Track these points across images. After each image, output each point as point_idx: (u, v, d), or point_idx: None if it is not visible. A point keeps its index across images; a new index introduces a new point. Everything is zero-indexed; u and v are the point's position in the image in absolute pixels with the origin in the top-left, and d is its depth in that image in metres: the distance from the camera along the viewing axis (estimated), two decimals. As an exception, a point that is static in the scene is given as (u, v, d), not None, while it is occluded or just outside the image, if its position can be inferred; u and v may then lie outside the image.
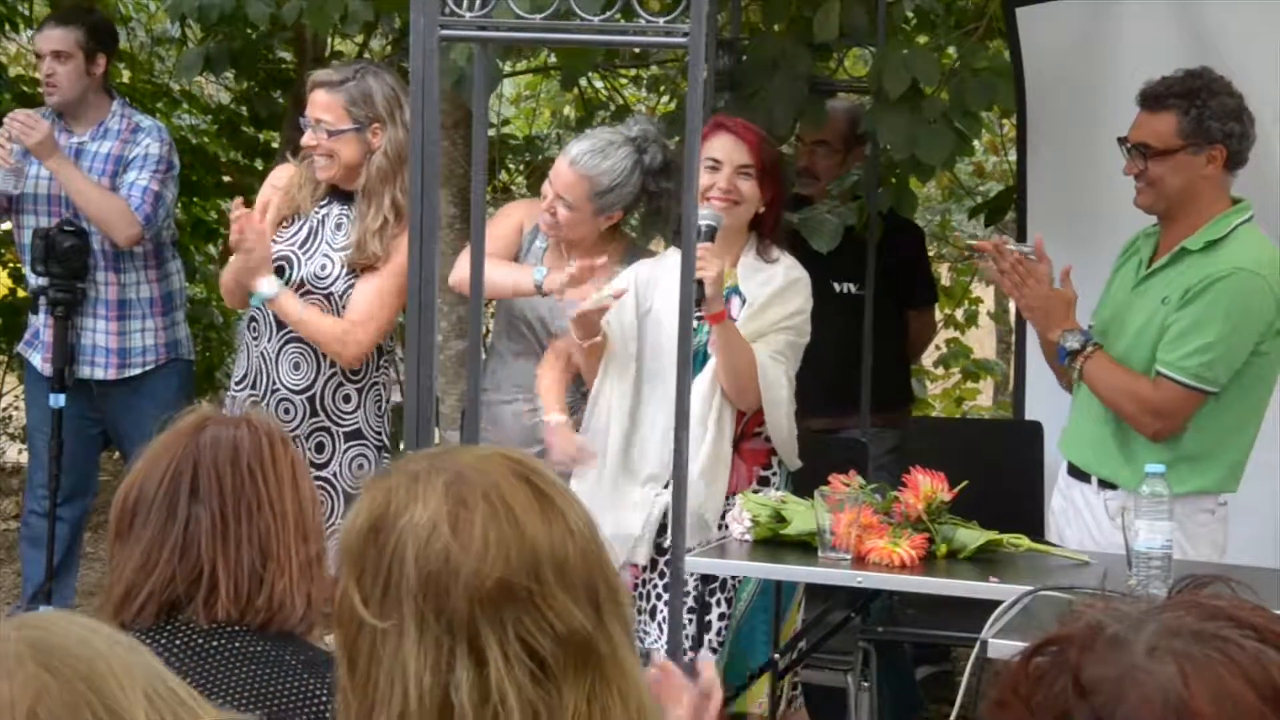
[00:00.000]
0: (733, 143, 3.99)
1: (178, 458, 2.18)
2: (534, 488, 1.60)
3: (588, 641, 1.56)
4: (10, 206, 5.24)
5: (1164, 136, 3.78)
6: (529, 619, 1.53)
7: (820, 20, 4.85)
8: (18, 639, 1.03)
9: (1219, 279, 3.72)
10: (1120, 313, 3.91)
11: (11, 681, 1.00)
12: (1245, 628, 1.09)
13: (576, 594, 1.56)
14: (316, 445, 4.40)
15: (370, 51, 7.50)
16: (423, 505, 1.56)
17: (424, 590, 1.53)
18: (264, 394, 4.40)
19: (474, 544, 1.54)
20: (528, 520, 1.57)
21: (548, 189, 4.25)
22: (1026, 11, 5.07)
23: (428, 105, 3.13)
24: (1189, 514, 3.77)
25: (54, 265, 5.04)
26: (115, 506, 2.20)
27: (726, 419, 4.01)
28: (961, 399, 9.11)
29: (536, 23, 3.14)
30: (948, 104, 4.80)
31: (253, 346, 4.44)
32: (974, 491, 3.76)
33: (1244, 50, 4.53)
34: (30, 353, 5.30)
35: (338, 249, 4.40)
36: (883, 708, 4.57)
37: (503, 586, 1.53)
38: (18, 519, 7.63)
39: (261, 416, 2.31)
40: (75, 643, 1.04)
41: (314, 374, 4.40)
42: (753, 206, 4.05)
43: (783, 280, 4.08)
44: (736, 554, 3.74)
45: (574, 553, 1.58)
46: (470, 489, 1.57)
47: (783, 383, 4.01)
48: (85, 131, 5.21)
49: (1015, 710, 1.12)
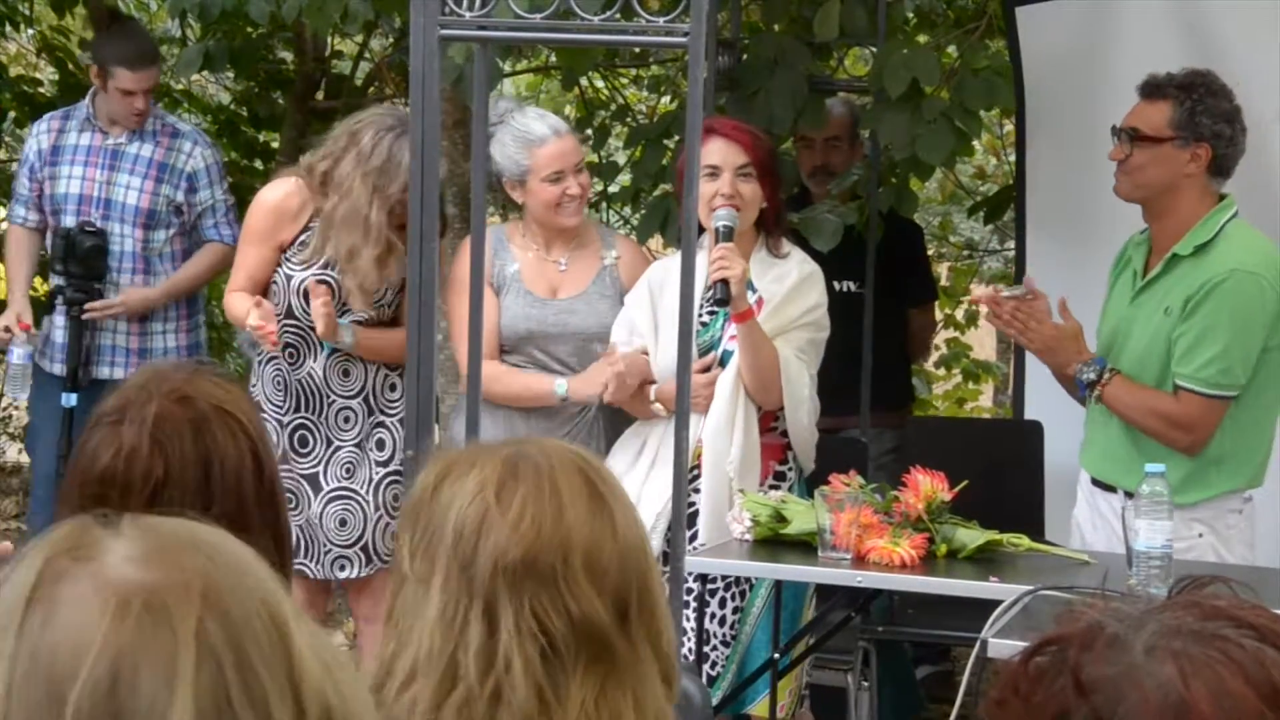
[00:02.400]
0: (726, 146, 4.00)
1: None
2: (589, 483, 1.64)
3: (603, 636, 1.57)
4: (51, 208, 5.21)
5: (1155, 124, 3.79)
6: (547, 597, 1.57)
7: (820, 20, 4.85)
8: (170, 532, 1.06)
9: (1218, 283, 3.71)
10: (1122, 327, 3.90)
11: (180, 568, 1.03)
12: (1245, 627, 1.09)
13: (602, 590, 1.58)
14: (377, 443, 4.42)
15: (370, 51, 7.51)
16: (478, 471, 1.63)
17: (456, 547, 1.59)
18: (319, 412, 4.39)
19: (510, 512, 1.59)
20: (571, 506, 1.61)
21: (555, 190, 4.24)
22: (1026, 11, 5.07)
23: (428, 105, 3.13)
24: (1218, 515, 3.79)
25: (74, 265, 5.04)
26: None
27: (752, 415, 4.03)
28: (963, 399, 9.11)
29: (536, 22, 3.14)
30: (948, 103, 4.80)
31: (291, 373, 4.40)
32: (974, 491, 3.76)
33: (1244, 50, 4.53)
34: (40, 360, 5.24)
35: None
36: (883, 708, 4.56)
37: (528, 560, 1.57)
38: (18, 519, 7.64)
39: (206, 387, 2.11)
40: (220, 538, 1.08)
41: (364, 374, 4.43)
42: (757, 205, 4.06)
43: (797, 276, 4.10)
44: (736, 554, 3.74)
45: (610, 552, 1.60)
46: (526, 465, 1.63)
47: (805, 380, 4.03)
48: (121, 133, 5.21)
49: (1015, 709, 1.12)
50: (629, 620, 1.60)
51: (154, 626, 0.99)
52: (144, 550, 1.03)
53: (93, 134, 5.19)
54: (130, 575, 1.01)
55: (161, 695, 0.97)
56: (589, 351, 4.27)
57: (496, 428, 4.28)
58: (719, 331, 4.08)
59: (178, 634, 0.99)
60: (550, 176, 4.24)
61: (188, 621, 0.99)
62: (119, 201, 5.14)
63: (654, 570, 1.66)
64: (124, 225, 5.13)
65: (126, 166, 5.17)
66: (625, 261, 4.39)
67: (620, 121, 7.18)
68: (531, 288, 4.32)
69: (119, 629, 0.98)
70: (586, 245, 4.39)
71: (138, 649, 0.98)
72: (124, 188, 5.15)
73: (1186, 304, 3.74)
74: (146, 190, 5.14)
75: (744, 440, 3.99)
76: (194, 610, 1.00)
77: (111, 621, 0.98)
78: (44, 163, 5.19)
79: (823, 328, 4.13)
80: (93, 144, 5.18)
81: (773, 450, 4.11)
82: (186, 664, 0.98)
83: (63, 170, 5.18)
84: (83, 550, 1.03)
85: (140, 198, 5.13)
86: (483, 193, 3.39)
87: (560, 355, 4.31)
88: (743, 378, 4.00)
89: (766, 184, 4.06)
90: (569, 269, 4.36)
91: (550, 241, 4.36)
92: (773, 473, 4.11)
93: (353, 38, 7.11)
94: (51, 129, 5.23)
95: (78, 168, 5.17)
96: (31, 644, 0.98)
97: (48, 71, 8.05)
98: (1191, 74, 3.83)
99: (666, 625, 1.66)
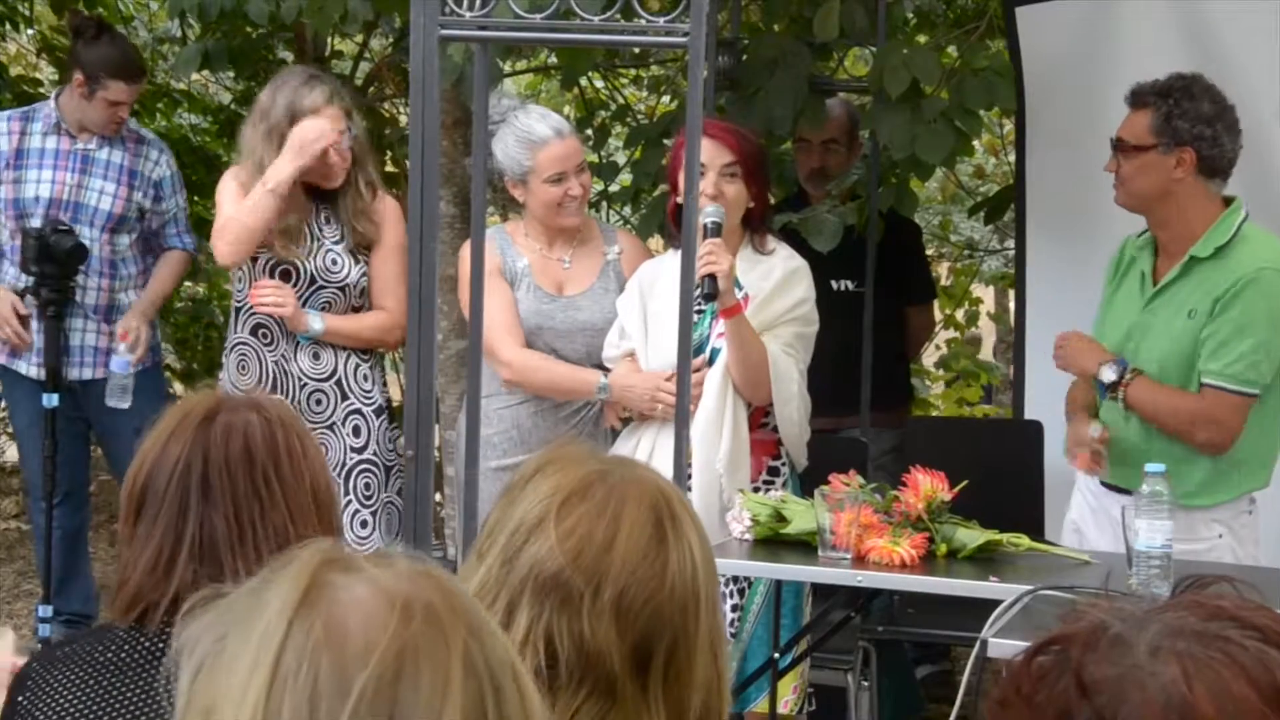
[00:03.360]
0: (712, 145, 3.99)
1: (187, 449, 2.13)
2: (658, 524, 1.60)
3: (610, 675, 1.54)
4: (13, 212, 5.20)
5: (1138, 133, 3.79)
6: (566, 618, 1.55)
7: (820, 20, 4.85)
8: (419, 564, 1.11)
9: (1249, 281, 3.70)
10: (1135, 332, 3.88)
11: (444, 594, 1.09)
12: (1248, 628, 1.09)
13: (625, 631, 1.55)
14: (353, 429, 4.48)
15: (370, 51, 7.50)
16: (561, 476, 1.63)
17: (509, 540, 1.60)
18: (292, 395, 4.45)
19: (563, 526, 1.58)
20: (625, 540, 1.58)
21: (557, 191, 4.25)
22: (1026, 11, 5.07)
23: (428, 105, 3.13)
24: (1234, 515, 3.80)
25: (49, 265, 5.02)
26: (125, 493, 2.17)
27: (741, 412, 4.03)
28: (963, 399, 9.11)
29: (536, 22, 3.14)
30: (948, 103, 4.80)
31: (267, 354, 4.49)
32: (974, 491, 3.76)
33: (1244, 50, 4.53)
34: (14, 361, 5.23)
35: (337, 243, 4.51)
36: (883, 708, 4.57)
37: (561, 578, 1.56)
38: (17, 519, 7.63)
39: (273, 401, 2.26)
40: (454, 581, 1.13)
41: (334, 359, 4.50)
42: (742, 204, 4.07)
43: (782, 271, 4.11)
44: (736, 553, 3.74)
45: (647, 598, 1.56)
46: (600, 486, 1.61)
47: (794, 376, 4.03)
48: (90, 138, 5.22)
49: (1017, 709, 1.12)
50: (649, 671, 1.56)
51: (434, 633, 1.05)
52: (404, 572, 1.09)
53: (59, 138, 5.20)
54: (406, 588, 1.07)
55: (438, 696, 1.03)
56: (597, 346, 4.29)
57: (502, 423, 4.30)
58: (707, 330, 4.08)
59: (451, 647, 1.05)
60: (552, 178, 4.25)
61: (458, 639, 1.05)
62: (90, 206, 5.17)
63: (699, 633, 1.59)
64: (92, 229, 5.16)
65: (99, 171, 5.20)
66: (628, 255, 4.41)
67: (620, 121, 7.18)
68: (540, 283, 4.34)
69: (406, 629, 1.04)
70: (588, 242, 4.41)
71: (421, 649, 1.04)
72: (96, 192, 5.19)
73: (1215, 304, 3.72)
74: (120, 196, 5.19)
75: (732, 437, 3.99)
76: (462, 631, 1.06)
77: (399, 621, 1.04)
78: (6, 165, 5.18)
79: (810, 322, 4.13)
80: (60, 148, 5.19)
81: (765, 446, 4.11)
82: (457, 674, 1.04)
83: (29, 174, 5.18)
84: (346, 565, 1.09)
85: (114, 203, 5.19)
86: (483, 193, 3.39)
87: (569, 350, 4.32)
88: (731, 374, 4.00)
89: (752, 184, 4.07)
90: (573, 266, 4.38)
91: (553, 240, 4.37)
92: (765, 469, 4.11)
93: (353, 38, 7.10)
94: (13, 131, 5.22)
95: (46, 171, 5.17)
96: (314, 631, 1.04)
97: (48, 71, 8.05)
98: (1172, 79, 3.81)
99: (695, 693, 1.59)
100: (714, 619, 1.63)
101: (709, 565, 1.63)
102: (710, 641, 1.61)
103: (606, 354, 4.22)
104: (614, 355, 4.20)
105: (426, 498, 3.40)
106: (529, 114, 4.34)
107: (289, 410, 2.25)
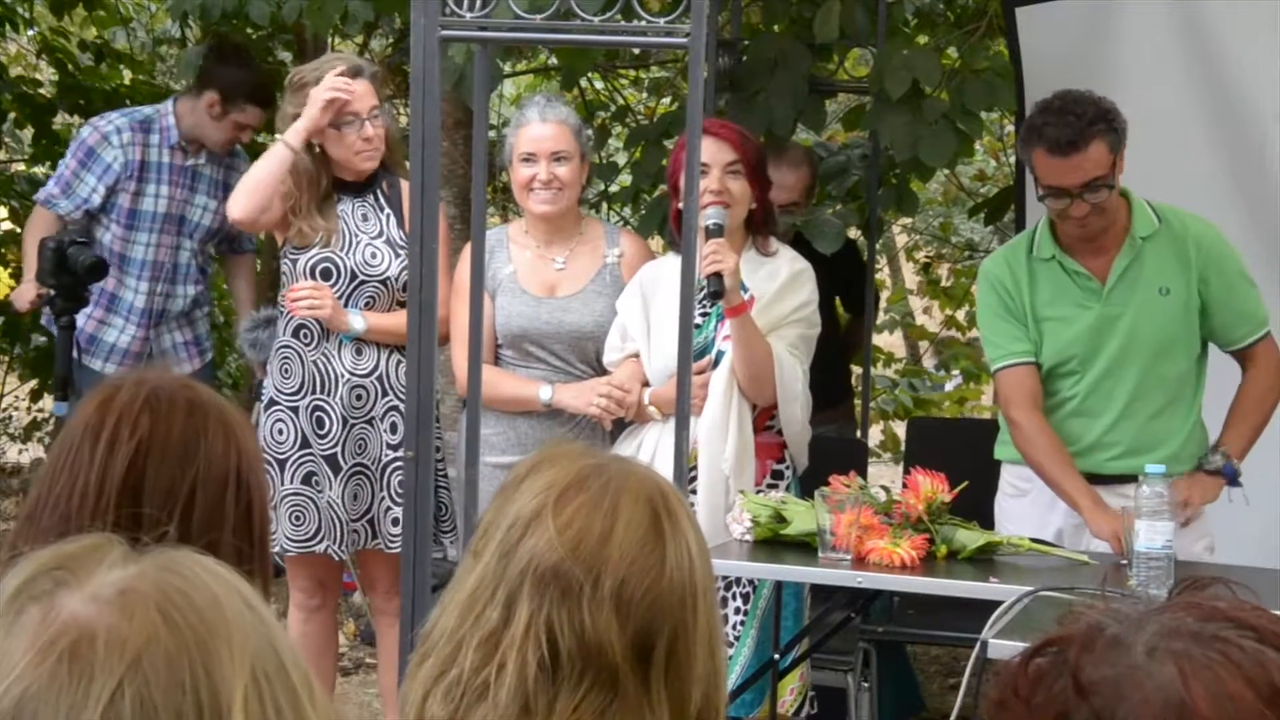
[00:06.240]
0: (714, 144, 3.99)
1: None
2: (654, 515, 1.60)
3: (612, 667, 1.54)
4: (127, 223, 5.25)
5: (1104, 163, 3.78)
6: (566, 610, 1.55)
7: (820, 20, 4.85)
8: (154, 580, 1.01)
9: (1205, 236, 3.84)
10: (1102, 326, 3.88)
11: (131, 621, 0.98)
12: (1245, 629, 1.09)
13: (625, 623, 1.55)
14: (391, 426, 4.43)
15: (370, 51, 7.50)
16: (555, 471, 1.63)
17: (505, 536, 1.60)
18: (333, 392, 4.43)
19: (560, 518, 1.58)
20: (623, 532, 1.58)
21: (526, 173, 4.25)
22: (1026, 12, 5.07)
23: (428, 105, 3.13)
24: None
25: (65, 277, 5.02)
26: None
27: (746, 413, 4.03)
28: (964, 399, 9.12)
29: (536, 23, 3.14)
30: (949, 104, 4.80)
31: (308, 354, 4.47)
32: (974, 491, 3.76)
33: (1244, 50, 4.53)
34: (90, 359, 5.22)
35: (376, 237, 4.48)
36: (883, 708, 4.57)
37: (560, 570, 1.56)
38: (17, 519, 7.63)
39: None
40: (206, 601, 1.01)
41: (376, 355, 4.47)
42: (746, 203, 4.07)
43: (787, 273, 4.11)
44: (736, 554, 3.74)
45: (647, 589, 1.57)
46: (597, 479, 1.62)
47: (798, 376, 4.03)
48: (200, 154, 5.29)
49: (1015, 710, 1.12)
50: (650, 663, 1.56)
51: (69, 676, 0.95)
52: (115, 592, 0.99)
53: (173, 152, 5.27)
54: (79, 614, 0.97)
55: None
56: (584, 350, 4.27)
57: (500, 424, 4.29)
58: (712, 332, 4.07)
59: (90, 691, 0.94)
60: (523, 156, 4.25)
61: (107, 680, 0.95)
62: (193, 221, 5.30)
63: (698, 627, 1.59)
64: (192, 241, 5.31)
65: (203, 188, 5.31)
66: (629, 258, 4.35)
67: (620, 122, 7.18)
68: (527, 286, 4.32)
69: (37, 667, 0.95)
70: (588, 243, 4.37)
71: (44, 693, 0.94)
72: (200, 209, 5.31)
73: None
74: (219, 211, 5.25)
75: (738, 438, 3.99)
76: (118, 671, 0.95)
77: (33, 658, 0.95)
78: (131, 176, 5.22)
79: (814, 324, 4.13)
80: (173, 162, 5.26)
81: (769, 449, 4.11)
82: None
83: (148, 188, 5.24)
84: (69, 573, 1.01)
85: (213, 219, 5.30)
86: (483, 193, 3.39)
87: (555, 352, 4.30)
88: (736, 374, 4.00)
89: (755, 183, 4.07)
90: (567, 267, 4.34)
91: (549, 239, 4.34)
92: (770, 472, 4.11)
93: (353, 38, 7.11)
94: (136, 142, 5.25)
95: (164, 186, 5.25)
96: None
97: (48, 72, 8.05)
98: (1067, 102, 3.80)
99: (695, 687, 1.59)
100: (712, 613, 1.63)
101: (705, 559, 1.64)
102: (709, 636, 1.62)
103: (608, 357, 4.21)
104: (616, 359, 4.19)
105: (427, 498, 3.40)
106: (539, 100, 4.38)
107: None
